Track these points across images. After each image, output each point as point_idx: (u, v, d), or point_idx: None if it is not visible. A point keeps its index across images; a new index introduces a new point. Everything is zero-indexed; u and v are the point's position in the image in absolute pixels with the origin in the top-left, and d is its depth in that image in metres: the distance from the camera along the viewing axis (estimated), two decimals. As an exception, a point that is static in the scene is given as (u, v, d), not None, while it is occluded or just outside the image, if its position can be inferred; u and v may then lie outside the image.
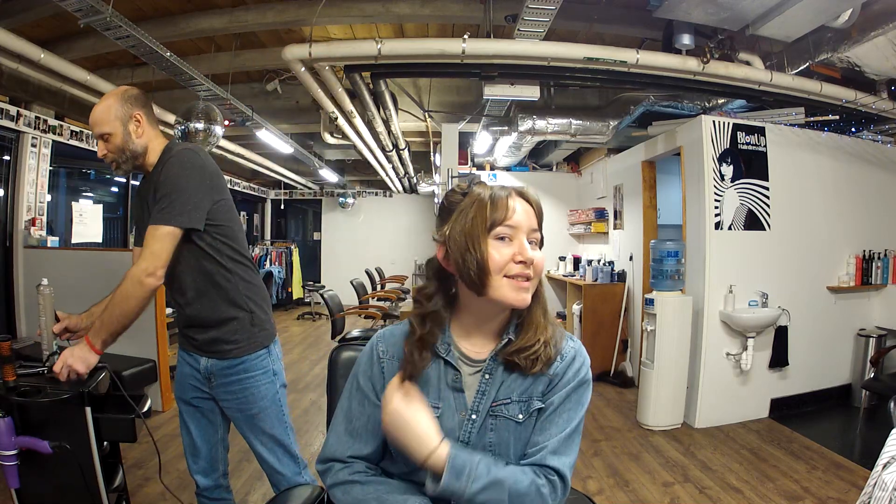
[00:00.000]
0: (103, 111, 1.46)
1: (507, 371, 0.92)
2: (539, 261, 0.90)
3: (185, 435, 1.61)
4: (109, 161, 1.49)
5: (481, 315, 0.93)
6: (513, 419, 0.90)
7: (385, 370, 0.95)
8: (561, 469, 0.88)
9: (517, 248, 0.88)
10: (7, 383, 1.29)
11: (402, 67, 3.37)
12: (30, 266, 3.90)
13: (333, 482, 0.93)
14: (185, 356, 1.58)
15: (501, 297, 0.88)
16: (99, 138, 1.48)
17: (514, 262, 0.88)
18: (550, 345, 0.91)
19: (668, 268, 3.50)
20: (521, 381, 0.92)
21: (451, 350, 0.93)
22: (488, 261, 0.86)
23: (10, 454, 1.27)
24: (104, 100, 1.48)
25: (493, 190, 0.91)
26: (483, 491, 0.83)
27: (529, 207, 0.92)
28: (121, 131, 1.46)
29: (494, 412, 0.90)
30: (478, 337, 0.95)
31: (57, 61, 3.23)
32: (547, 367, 0.91)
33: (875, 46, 2.73)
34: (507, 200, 0.89)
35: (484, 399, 0.91)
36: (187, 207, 1.39)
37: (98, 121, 1.46)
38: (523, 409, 0.91)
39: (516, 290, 0.88)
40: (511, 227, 0.88)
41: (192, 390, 1.57)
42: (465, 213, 0.90)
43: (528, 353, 0.90)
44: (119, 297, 1.34)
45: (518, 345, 0.90)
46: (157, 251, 1.36)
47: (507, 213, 0.88)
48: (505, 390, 0.91)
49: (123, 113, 1.46)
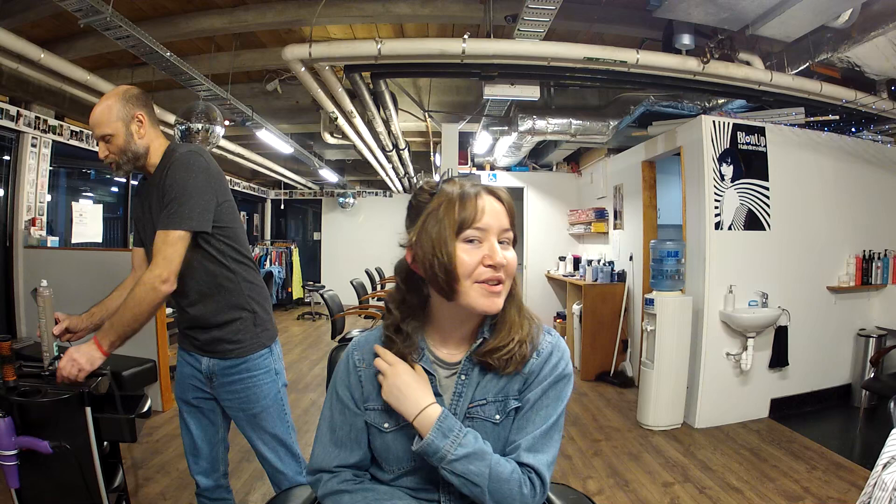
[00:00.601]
0: (104, 112, 1.43)
1: (482, 372, 0.90)
2: (511, 261, 0.86)
3: (185, 435, 1.61)
4: (110, 162, 1.47)
5: (454, 319, 0.91)
6: (489, 420, 0.89)
7: (362, 378, 0.93)
8: (537, 466, 0.85)
9: (487, 250, 0.84)
10: (7, 383, 1.29)
11: (402, 67, 3.37)
12: (30, 266, 3.90)
13: (324, 492, 0.93)
14: (185, 356, 1.58)
15: (471, 304, 0.84)
16: (100, 139, 1.45)
17: (484, 265, 0.84)
18: (526, 342, 0.89)
19: (668, 268, 3.50)
20: (496, 381, 0.90)
21: (426, 354, 0.92)
22: (457, 266, 0.83)
23: (10, 454, 1.27)
24: (104, 100, 1.45)
25: (462, 189, 0.86)
26: (465, 458, 0.82)
27: (500, 206, 0.87)
28: (123, 132, 1.44)
29: (471, 414, 0.89)
30: (452, 340, 0.93)
31: (57, 61, 3.23)
32: (521, 365, 0.89)
33: (875, 46, 2.73)
34: (475, 200, 0.85)
35: (461, 401, 0.90)
36: (196, 211, 1.38)
37: (99, 122, 1.43)
38: (500, 409, 0.89)
39: (487, 296, 0.84)
40: (480, 229, 0.84)
41: (193, 390, 1.57)
42: (433, 214, 0.86)
43: (501, 354, 0.87)
44: (132, 302, 1.34)
45: (491, 345, 0.88)
46: (170, 256, 1.36)
47: (476, 214, 0.84)
48: (481, 391, 0.90)
49: (125, 113, 1.44)
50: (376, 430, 0.92)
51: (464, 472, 0.82)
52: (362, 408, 0.93)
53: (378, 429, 0.92)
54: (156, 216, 1.44)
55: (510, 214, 0.88)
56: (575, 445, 3.12)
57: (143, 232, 1.56)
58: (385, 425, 0.91)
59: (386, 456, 0.92)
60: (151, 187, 1.48)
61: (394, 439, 0.91)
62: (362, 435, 0.93)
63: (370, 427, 0.93)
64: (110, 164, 1.48)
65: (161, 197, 1.41)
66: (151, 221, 1.48)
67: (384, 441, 0.92)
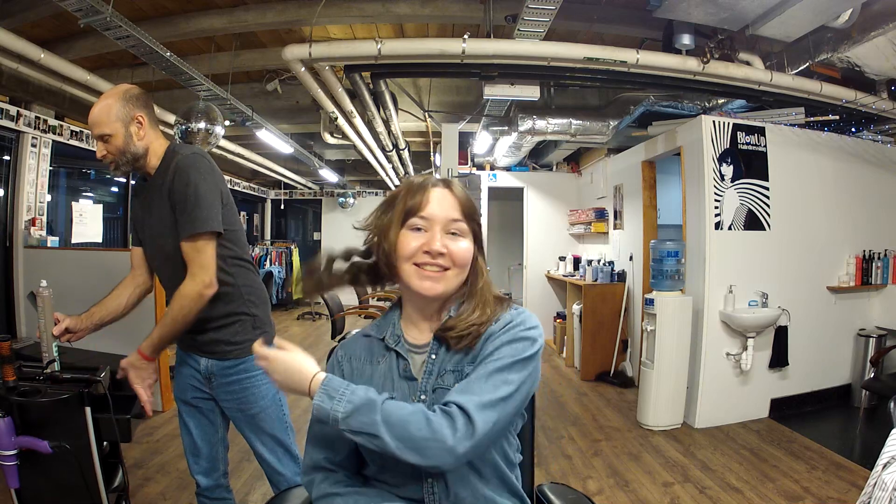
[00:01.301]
0: (103, 111, 1.40)
1: (447, 350, 0.92)
2: (459, 251, 0.90)
3: (185, 435, 1.61)
4: (108, 162, 1.45)
5: (416, 303, 0.96)
6: (448, 388, 0.88)
7: (345, 372, 0.97)
8: (462, 403, 0.80)
9: (427, 238, 0.90)
10: (7, 383, 1.29)
11: (402, 67, 3.37)
12: (30, 266, 3.90)
13: (317, 495, 0.94)
14: (184, 356, 1.58)
15: (408, 284, 0.91)
16: (98, 139, 1.43)
17: (423, 251, 0.89)
18: (486, 324, 0.91)
19: (668, 268, 3.50)
20: (456, 353, 0.92)
21: (401, 341, 0.96)
22: (396, 248, 0.91)
23: (10, 454, 1.27)
24: (103, 99, 1.43)
25: (418, 182, 0.94)
26: (356, 412, 0.80)
27: (452, 199, 0.92)
28: (122, 133, 1.42)
29: (436, 387, 0.91)
30: (421, 324, 0.97)
31: (57, 61, 3.23)
32: (476, 339, 0.90)
33: (875, 46, 2.73)
34: (424, 192, 0.91)
35: (430, 378, 0.92)
36: (213, 212, 1.39)
37: (97, 121, 1.41)
38: (457, 377, 0.90)
39: (422, 278, 0.90)
40: (425, 218, 0.90)
41: (192, 390, 1.57)
42: (391, 203, 0.94)
43: (456, 331, 0.90)
44: (180, 314, 1.37)
45: (449, 323, 0.91)
46: (205, 262, 1.38)
47: (422, 203, 0.91)
48: (445, 365, 0.92)
49: (125, 114, 1.42)
50: None
51: (359, 427, 0.80)
52: None
53: None
54: (157, 217, 1.44)
55: (463, 207, 0.93)
56: (575, 445, 3.12)
57: (142, 232, 1.56)
58: None
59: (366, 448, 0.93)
60: (152, 188, 1.47)
61: None
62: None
63: None
64: (109, 163, 1.46)
65: (167, 198, 1.40)
66: (150, 223, 1.48)
67: None
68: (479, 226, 0.97)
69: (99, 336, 1.53)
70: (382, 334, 0.98)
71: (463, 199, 0.94)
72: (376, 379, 0.94)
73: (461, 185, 0.97)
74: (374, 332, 1.00)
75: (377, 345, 0.98)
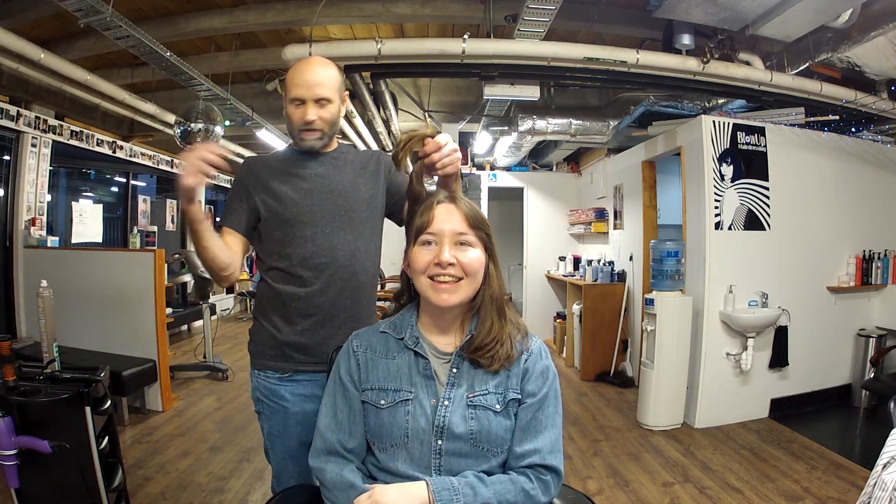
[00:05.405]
0: (330, 76, 1.32)
1: (472, 366, 0.98)
2: (469, 262, 0.97)
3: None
4: (316, 129, 1.32)
5: (433, 311, 1.01)
6: (491, 409, 0.96)
7: (360, 361, 1.01)
8: (558, 466, 0.95)
9: (437, 251, 0.97)
10: (7, 383, 1.29)
11: (402, 67, 3.36)
12: (30, 266, 3.90)
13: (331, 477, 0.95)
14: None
15: (426, 296, 0.98)
16: (314, 101, 1.31)
17: (433, 264, 0.96)
18: (509, 342, 0.98)
19: (668, 268, 3.50)
20: (493, 375, 0.98)
21: (420, 343, 1.00)
22: (412, 264, 1.00)
23: (10, 454, 1.27)
24: (329, 66, 1.34)
25: (428, 202, 1.02)
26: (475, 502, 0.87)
27: (457, 212, 0.99)
28: (338, 104, 1.36)
29: (472, 402, 0.96)
30: (440, 330, 1.03)
31: (57, 61, 3.23)
32: (509, 363, 0.98)
33: (875, 46, 2.73)
34: (430, 210, 0.99)
35: (455, 390, 0.97)
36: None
37: (322, 82, 1.30)
38: (500, 399, 0.96)
39: (435, 291, 0.96)
40: (432, 233, 0.98)
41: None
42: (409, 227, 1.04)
43: (485, 352, 0.97)
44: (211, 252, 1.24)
45: (476, 343, 0.97)
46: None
47: (428, 220, 0.98)
48: (480, 384, 0.97)
49: (342, 88, 1.38)
50: (372, 408, 0.98)
51: None
52: (360, 388, 1.00)
53: (374, 406, 0.97)
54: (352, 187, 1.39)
55: (469, 218, 1.00)
56: (575, 445, 3.12)
57: (307, 198, 1.37)
58: (381, 402, 0.97)
59: (380, 433, 0.96)
60: (341, 161, 1.41)
61: (389, 415, 0.96)
62: (359, 419, 0.99)
63: (367, 406, 0.99)
64: (314, 130, 1.33)
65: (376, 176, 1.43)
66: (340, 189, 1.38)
67: (379, 418, 0.97)
68: (489, 235, 1.02)
69: (99, 336, 1.53)
70: (401, 334, 1.02)
71: (468, 212, 1.00)
72: (392, 373, 0.99)
73: (466, 199, 1.03)
74: (390, 330, 1.04)
75: (393, 342, 1.02)
